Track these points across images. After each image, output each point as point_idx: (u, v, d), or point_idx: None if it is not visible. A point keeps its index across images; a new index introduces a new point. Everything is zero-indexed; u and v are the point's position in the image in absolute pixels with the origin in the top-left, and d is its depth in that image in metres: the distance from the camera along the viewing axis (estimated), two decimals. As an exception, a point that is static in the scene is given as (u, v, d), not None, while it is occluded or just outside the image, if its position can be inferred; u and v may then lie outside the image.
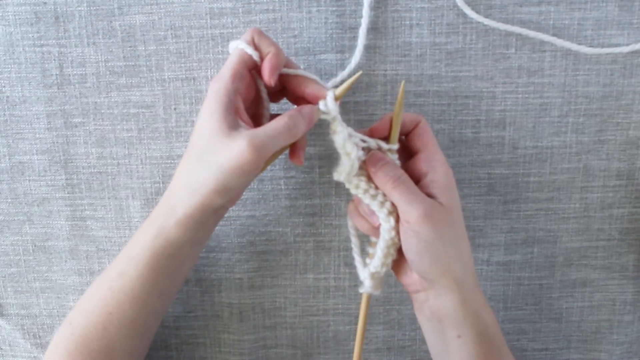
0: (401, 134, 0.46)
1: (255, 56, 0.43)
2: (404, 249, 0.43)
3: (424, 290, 0.44)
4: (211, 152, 0.40)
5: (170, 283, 0.46)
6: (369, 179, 0.45)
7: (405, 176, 0.43)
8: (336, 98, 0.44)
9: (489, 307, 0.45)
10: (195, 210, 0.42)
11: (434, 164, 0.44)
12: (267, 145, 0.40)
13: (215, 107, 0.40)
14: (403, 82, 0.45)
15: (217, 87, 0.41)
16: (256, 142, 0.39)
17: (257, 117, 0.46)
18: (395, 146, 0.45)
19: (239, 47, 0.43)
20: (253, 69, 0.44)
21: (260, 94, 0.45)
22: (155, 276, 0.44)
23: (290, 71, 0.45)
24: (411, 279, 0.45)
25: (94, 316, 0.44)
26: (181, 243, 0.43)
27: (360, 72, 0.44)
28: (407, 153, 0.47)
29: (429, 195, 0.43)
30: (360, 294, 0.49)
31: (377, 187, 0.44)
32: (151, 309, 0.46)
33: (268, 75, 0.42)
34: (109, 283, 0.45)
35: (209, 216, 0.43)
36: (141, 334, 0.46)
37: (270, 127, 0.41)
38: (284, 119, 0.41)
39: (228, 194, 0.41)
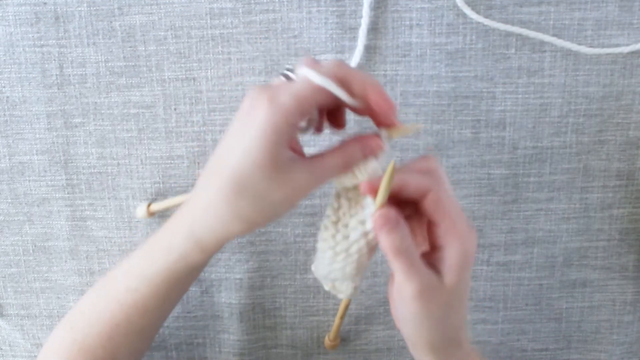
0: (408, 200, 0.39)
1: (349, 101, 0.36)
2: (394, 306, 0.40)
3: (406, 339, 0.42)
4: (261, 186, 0.35)
5: (182, 294, 0.45)
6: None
7: (409, 248, 0.37)
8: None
9: None
10: (225, 239, 0.39)
11: (450, 242, 0.38)
12: (322, 181, 0.37)
13: (269, 137, 0.34)
14: (392, 162, 0.37)
15: (277, 120, 0.34)
16: (314, 179, 0.36)
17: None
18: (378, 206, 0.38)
19: (321, 84, 0.35)
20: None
21: (318, 123, 0.40)
22: (169, 294, 0.42)
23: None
24: (396, 322, 0.42)
25: (99, 325, 0.43)
26: (201, 266, 0.42)
27: (420, 125, 0.40)
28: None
29: (435, 269, 0.38)
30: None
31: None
32: (159, 318, 0.45)
33: (391, 119, 0.37)
34: (117, 297, 0.42)
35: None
36: (146, 339, 0.46)
37: (328, 164, 0.37)
38: (342, 159, 0.37)
39: (263, 224, 0.39)
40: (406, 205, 0.39)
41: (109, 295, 0.43)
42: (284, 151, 0.35)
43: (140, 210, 0.53)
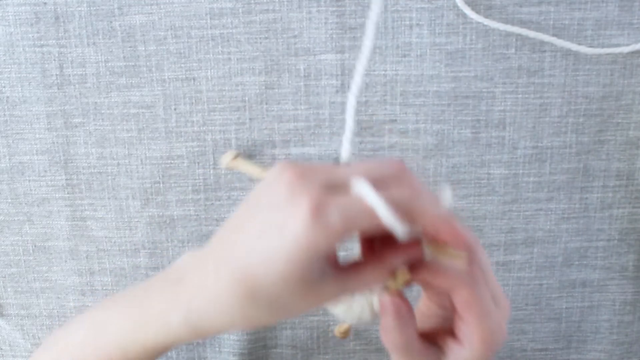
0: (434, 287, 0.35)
1: (406, 237, 0.30)
2: None
3: None
4: (279, 300, 0.30)
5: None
6: None
7: (407, 344, 0.35)
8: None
9: None
10: (221, 331, 0.34)
11: (472, 342, 0.34)
12: (355, 292, 0.33)
13: (306, 259, 0.29)
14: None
15: (319, 241, 0.28)
16: (339, 294, 0.32)
17: None
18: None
19: (384, 216, 0.29)
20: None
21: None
22: (162, 355, 0.39)
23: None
24: None
25: None
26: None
27: (464, 259, 0.33)
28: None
29: (441, 353, 0.36)
30: None
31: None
32: None
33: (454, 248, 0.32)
34: (106, 350, 0.38)
35: None
36: None
37: (361, 280, 0.32)
38: (381, 271, 0.32)
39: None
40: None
41: (99, 345, 0.39)
42: (317, 270, 0.30)
43: (225, 158, 0.51)
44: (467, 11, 0.49)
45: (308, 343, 0.57)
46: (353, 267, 0.32)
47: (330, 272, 0.31)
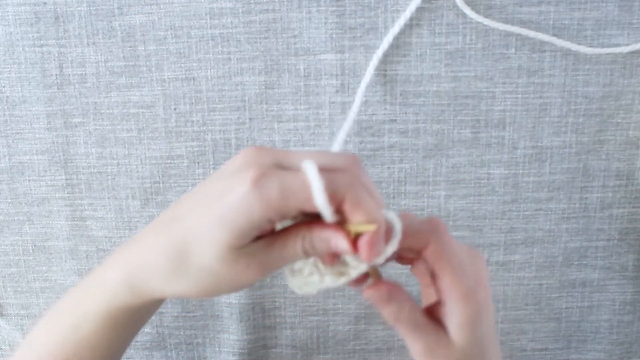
0: (409, 251, 0.36)
1: (330, 219, 0.31)
2: None
3: None
4: (208, 264, 0.32)
5: (131, 333, 0.42)
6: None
7: (407, 313, 0.36)
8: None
9: None
10: (159, 296, 0.35)
11: (453, 297, 0.35)
12: (278, 266, 0.33)
13: (238, 227, 0.30)
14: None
15: (253, 210, 0.30)
16: (267, 266, 0.32)
17: None
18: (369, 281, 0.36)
19: (317, 197, 0.30)
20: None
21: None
22: (114, 333, 0.39)
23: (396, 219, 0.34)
24: None
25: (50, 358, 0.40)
26: (141, 310, 0.38)
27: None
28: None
29: (443, 324, 0.36)
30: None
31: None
32: (111, 356, 0.41)
33: (367, 256, 0.32)
34: (63, 333, 0.39)
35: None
36: None
37: (287, 250, 0.33)
38: (301, 245, 0.33)
39: (207, 298, 0.36)
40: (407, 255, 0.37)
41: (56, 332, 0.40)
42: (248, 239, 0.31)
43: None
44: (467, 11, 0.49)
45: (308, 343, 0.57)
46: (280, 237, 0.33)
47: (259, 244, 0.32)
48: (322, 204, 0.30)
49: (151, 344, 0.57)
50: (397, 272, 0.55)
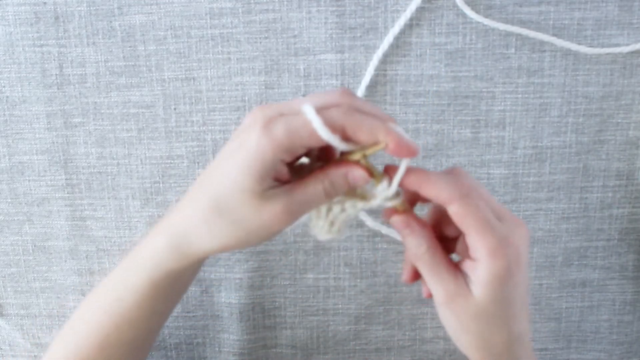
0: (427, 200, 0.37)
1: (341, 147, 0.35)
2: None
3: None
4: (239, 211, 0.35)
5: (169, 305, 0.44)
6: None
7: (430, 251, 0.37)
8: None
9: None
10: (202, 255, 0.38)
11: (480, 256, 0.35)
12: (302, 210, 0.36)
13: (253, 166, 0.34)
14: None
15: (264, 146, 0.34)
16: (292, 207, 0.35)
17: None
18: (392, 202, 0.37)
19: (324, 138, 0.33)
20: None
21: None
22: (154, 304, 0.42)
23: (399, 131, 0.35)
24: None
25: (90, 337, 0.43)
26: (183, 275, 0.41)
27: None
28: None
29: (468, 277, 0.37)
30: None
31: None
32: (150, 328, 0.44)
33: (364, 182, 0.36)
34: (104, 307, 0.42)
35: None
36: (139, 349, 0.45)
37: (309, 191, 0.36)
38: (322, 186, 0.36)
39: (244, 248, 0.39)
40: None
41: (97, 307, 0.43)
42: (267, 179, 0.35)
43: None
44: (467, 11, 0.49)
45: (308, 343, 0.57)
46: (300, 184, 0.36)
47: (279, 187, 0.35)
48: (325, 134, 0.33)
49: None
50: (397, 272, 0.55)
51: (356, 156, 0.35)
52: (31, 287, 0.56)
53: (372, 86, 0.51)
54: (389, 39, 0.50)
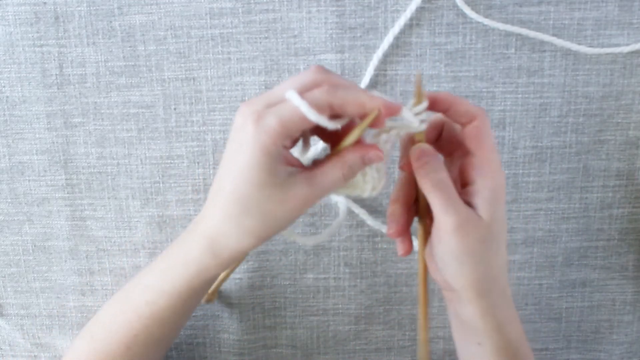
0: (456, 118, 0.40)
1: (335, 128, 0.37)
2: (433, 251, 0.41)
3: (450, 292, 0.43)
4: (262, 204, 0.37)
5: (196, 305, 0.46)
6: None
7: (446, 180, 0.39)
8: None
9: (517, 322, 0.42)
10: (239, 254, 0.40)
11: (484, 174, 0.39)
12: (324, 193, 0.37)
13: (260, 159, 0.36)
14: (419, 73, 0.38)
15: (263, 141, 0.35)
16: (314, 192, 0.37)
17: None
18: (419, 126, 0.39)
19: (310, 119, 0.35)
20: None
21: (307, 140, 0.41)
22: (186, 306, 0.43)
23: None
24: (438, 277, 0.43)
25: (118, 335, 0.44)
26: (216, 277, 0.43)
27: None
28: (462, 150, 0.41)
29: (470, 205, 0.39)
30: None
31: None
32: (177, 328, 0.46)
33: (378, 160, 0.38)
34: (136, 309, 0.43)
35: None
36: (164, 349, 0.47)
37: (328, 177, 0.37)
38: (341, 170, 0.37)
39: (272, 236, 0.40)
40: (440, 149, 0.41)
41: (128, 308, 0.44)
42: (279, 168, 0.36)
43: None
44: (467, 11, 0.49)
45: (308, 343, 0.57)
46: (318, 168, 0.38)
47: (296, 173, 0.37)
48: (314, 117, 0.35)
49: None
50: (397, 272, 0.55)
51: (356, 132, 0.37)
52: (31, 287, 0.56)
53: (372, 86, 0.51)
54: (389, 39, 0.50)
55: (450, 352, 0.57)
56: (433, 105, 0.39)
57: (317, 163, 0.38)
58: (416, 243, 0.43)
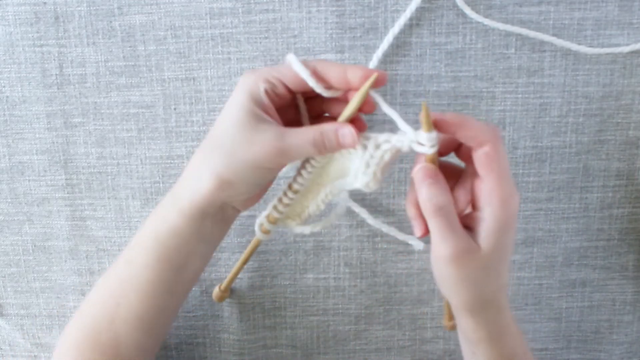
0: (466, 140, 0.39)
1: (318, 89, 0.39)
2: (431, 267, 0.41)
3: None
4: (231, 141, 0.38)
5: (178, 280, 0.44)
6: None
7: (447, 206, 0.38)
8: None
9: (513, 334, 0.42)
10: (200, 200, 0.40)
11: (492, 203, 0.37)
12: (291, 151, 0.38)
13: (242, 97, 0.39)
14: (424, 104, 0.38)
15: (248, 78, 0.39)
16: (281, 145, 0.38)
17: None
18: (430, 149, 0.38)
19: (294, 69, 0.39)
20: (298, 92, 0.41)
21: (301, 117, 0.43)
22: (160, 268, 0.42)
23: (380, 101, 0.40)
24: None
25: (102, 307, 0.44)
26: (186, 234, 0.42)
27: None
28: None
29: (472, 230, 0.39)
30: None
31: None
32: (159, 305, 0.45)
33: (351, 142, 0.39)
34: (116, 271, 0.44)
35: (215, 209, 0.41)
36: (150, 330, 0.45)
37: (300, 136, 0.39)
38: (313, 133, 0.39)
39: (238, 188, 0.40)
40: (449, 174, 0.40)
41: (112, 272, 0.45)
42: (256, 111, 0.38)
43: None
44: (467, 11, 0.49)
45: (308, 343, 0.57)
46: (294, 128, 0.39)
47: (271, 124, 0.39)
48: (297, 66, 0.39)
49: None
50: (397, 272, 0.55)
51: (356, 100, 0.39)
52: (31, 287, 0.56)
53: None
54: (389, 39, 0.50)
55: (450, 352, 0.57)
56: (439, 129, 0.38)
57: (294, 126, 0.40)
58: None
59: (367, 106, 0.40)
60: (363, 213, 0.53)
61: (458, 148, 0.41)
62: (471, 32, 0.50)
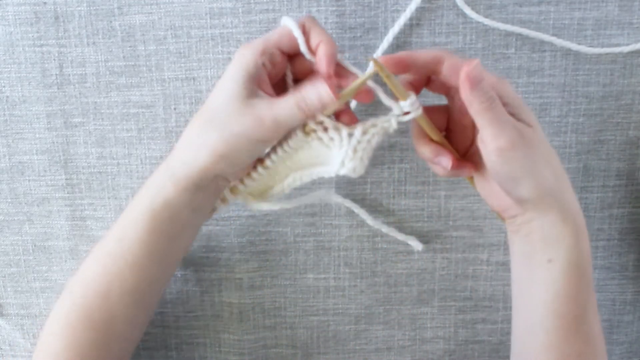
0: (423, 78, 0.43)
1: (302, 43, 0.41)
2: (497, 177, 0.41)
3: (521, 214, 0.42)
4: (225, 115, 0.40)
5: (171, 249, 0.45)
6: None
7: (497, 99, 0.39)
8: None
9: (586, 233, 0.42)
10: (195, 172, 0.41)
11: (484, 140, 0.39)
12: (280, 119, 0.40)
13: (237, 72, 0.40)
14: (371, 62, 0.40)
15: (244, 53, 0.40)
16: (271, 114, 0.39)
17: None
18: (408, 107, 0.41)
19: (285, 27, 0.41)
20: (290, 55, 0.42)
21: (287, 82, 0.44)
22: (154, 240, 0.43)
23: (346, 64, 0.42)
24: (506, 204, 0.43)
25: (94, 284, 0.44)
26: (180, 205, 0.43)
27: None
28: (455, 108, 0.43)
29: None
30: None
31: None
32: (152, 276, 0.45)
33: (326, 65, 0.40)
34: (107, 248, 0.44)
35: (208, 181, 0.42)
36: (142, 303, 0.46)
37: (285, 103, 0.40)
38: (295, 97, 0.40)
39: (232, 161, 0.41)
40: (439, 115, 0.44)
41: (102, 249, 0.44)
42: (251, 86, 0.40)
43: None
44: (467, 11, 0.49)
45: (308, 343, 0.57)
46: (280, 96, 0.41)
47: (262, 97, 0.40)
48: (289, 23, 0.41)
49: (153, 343, 0.57)
50: (397, 272, 0.55)
51: (359, 80, 0.40)
52: (31, 287, 0.56)
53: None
54: (388, 39, 0.50)
55: (450, 352, 0.57)
56: (393, 70, 0.40)
57: (280, 95, 0.41)
58: None
59: (364, 94, 0.42)
60: (363, 213, 0.53)
61: (428, 83, 0.44)
62: (471, 32, 0.50)
